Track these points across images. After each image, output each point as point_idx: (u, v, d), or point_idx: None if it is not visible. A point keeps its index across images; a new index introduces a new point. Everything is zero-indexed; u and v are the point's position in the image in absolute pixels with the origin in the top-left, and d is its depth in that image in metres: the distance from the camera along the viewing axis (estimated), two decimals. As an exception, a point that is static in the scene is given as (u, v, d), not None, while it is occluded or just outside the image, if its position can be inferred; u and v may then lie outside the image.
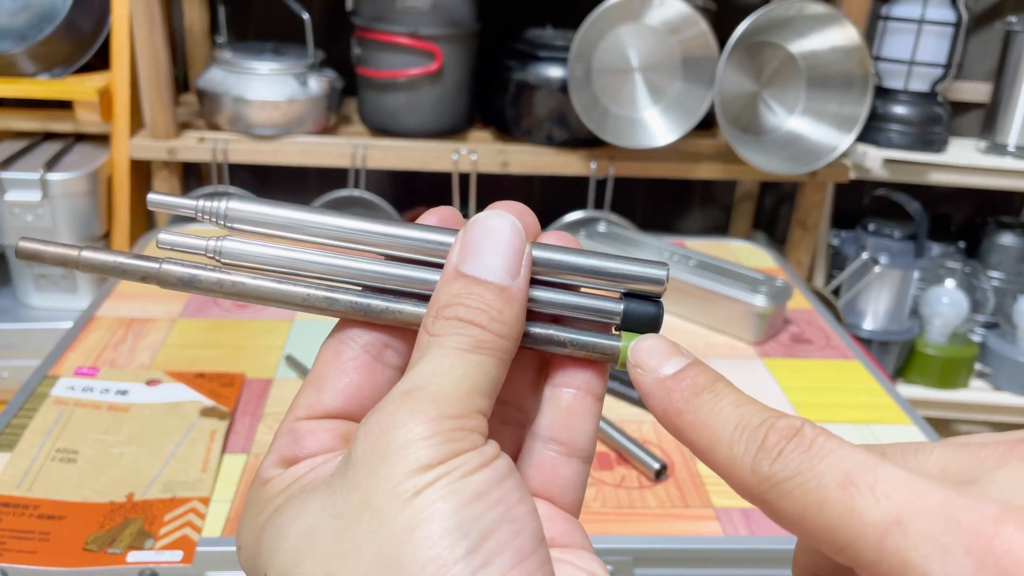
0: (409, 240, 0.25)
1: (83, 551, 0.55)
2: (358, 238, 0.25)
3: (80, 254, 0.24)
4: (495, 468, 0.21)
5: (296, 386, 0.74)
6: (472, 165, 1.35)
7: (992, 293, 1.67)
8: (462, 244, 0.24)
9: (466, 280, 0.23)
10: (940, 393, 1.62)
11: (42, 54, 1.33)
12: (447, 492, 0.20)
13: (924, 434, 0.73)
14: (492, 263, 0.23)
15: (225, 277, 0.24)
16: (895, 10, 1.48)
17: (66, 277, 1.38)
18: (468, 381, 0.22)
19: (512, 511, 0.20)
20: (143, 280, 0.24)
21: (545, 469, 0.25)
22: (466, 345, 0.22)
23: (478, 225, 0.24)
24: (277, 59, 1.33)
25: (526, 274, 0.24)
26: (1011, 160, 1.53)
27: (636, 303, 0.25)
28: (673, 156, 1.40)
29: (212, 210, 0.25)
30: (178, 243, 0.25)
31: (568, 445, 0.25)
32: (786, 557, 0.61)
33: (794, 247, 1.52)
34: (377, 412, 0.21)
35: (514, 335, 0.23)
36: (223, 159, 1.32)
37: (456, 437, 0.21)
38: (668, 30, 1.27)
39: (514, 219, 0.24)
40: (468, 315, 0.22)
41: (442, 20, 1.29)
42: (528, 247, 0.24)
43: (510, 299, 0.23)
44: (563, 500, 0.25)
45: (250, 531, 0.23)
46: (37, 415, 0.68)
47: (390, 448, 0.20)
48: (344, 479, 0.21)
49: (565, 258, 0.25)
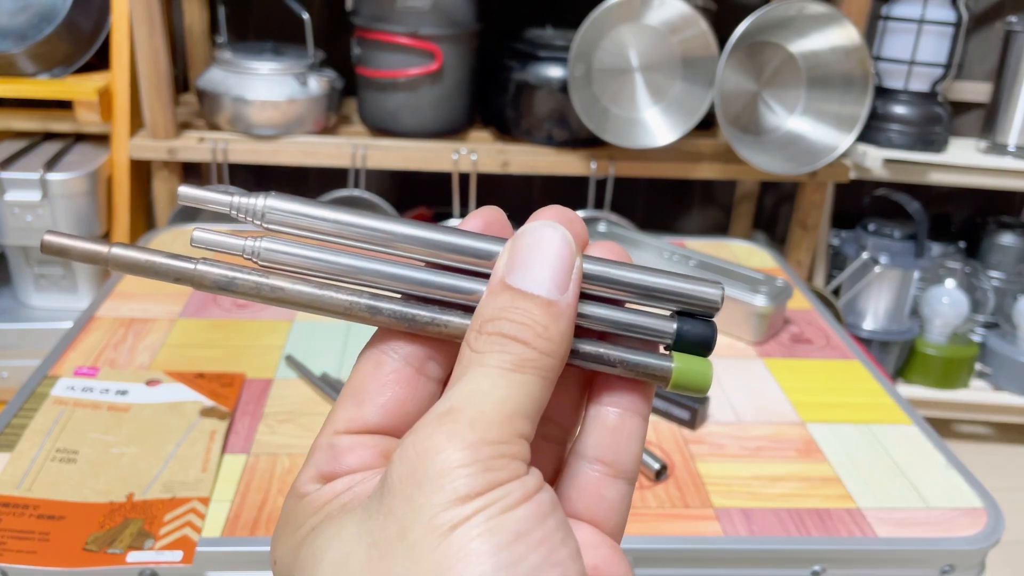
0: (456, 247, 0.23)
1: (83, 551, 0.55)
2: (402, 244, 0.23)
3: (110, 251, 0.22)
4: (538, 503, 0.20)
5: (296, 386, 0.74)
6: (472, 165, 1.35)
7: (992, 293, 1.67)
8: (510, 255, 0.22)
9: (512, 293, 0.22)
10: (940, 393, 1.62)
11: (42, 54, 1.33)
12: (486, 530, 0.19)
13: (924, 434, 0.73)
14: (540, 276, 0.22)
15: (264, 281, 0.23)
16: (895, 10, 1.48)
17: (66, 277, 1.38)
18: (510, 403, 0.21)
19: (554, 554, 0.19)
20: (176, 281, 0.23)
21: (590, 491, 0.24)
22: (509, 364, 0.21)
23: (528, 236, 0.23)
24: (277, 59, 1.33)
25: (575, 289, 0.22)
26: (1011, 160, 1.53)
27: (689, 323, 0.24)
28: (673, 156, 1.40)
29: (249, 208, 0.23)
30: (214, 242, 0.23)
31: (614, 466, 0.24)
32: (786, 557, 0.61)
33: (794, 247, 1.52)
34: (413, 434, 0.20)
35: (561, 353, 0.22)
36: (223, 159, 1.32)
37: (496, 465, 0.20)
38: (668, 30, 1.27)
39: (565, 231, 0.23)
40: (512, 331, 0.21)
41: (442, 20, 1.29)
42: (579, 260, 0.23)
43: (558, 315, 0.22)
44: (607, 524, 0.24)
45: (286, 547, 0.22)
46: (37, 415, 0.68)
47: (427, 476, 0.19)
48: (380, 505, 0.20)
49: (617, 273, 0.24)
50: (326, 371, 0.76)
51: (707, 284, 0.24)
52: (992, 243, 1.69)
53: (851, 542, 0.61)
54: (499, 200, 0.26)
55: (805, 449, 0.70)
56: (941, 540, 0.61)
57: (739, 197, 1.70)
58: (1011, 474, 1.62)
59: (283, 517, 0.23)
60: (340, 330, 0.83)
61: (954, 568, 0.61)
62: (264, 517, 0.59)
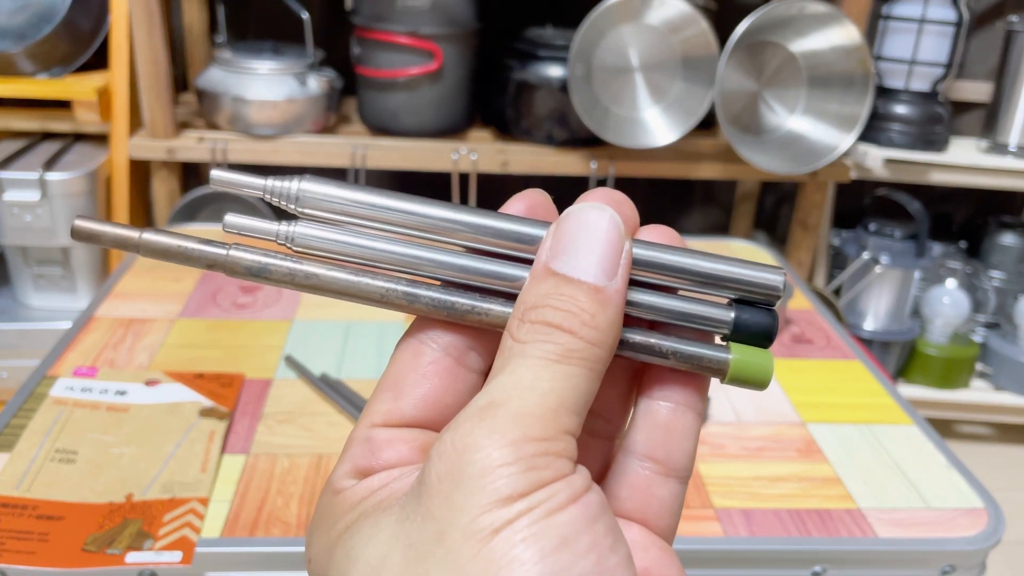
0: (497, 231, 0.22)
1: (82, 552, 0.55)
2: (441, 227, 0.22)
3: (141, 236, 0.22)
4: (585, 505, 0.19)
5: (295, 387, 0.74)
6: (472, 165, 1.35)
7: (993, 293, 1.67)
8: (554, 239, 0.21)
9: (557, 279, 0.21)
10: (941, 393, 1.62)
11: (41, 54, 1.32)
12: (530, 535, 0.18)
13: (925, 434, 0.73)
14: (587, 261, 0.21)
15: (298, 267, 0.22)
16: (896, 9, 1.48)
17: (65, 277, 1.38)
18: (555, 397, 0.19)
19: (604, 561, 0.18)
20: (209, 267, 0.22)
21: (640, 489, 0.23)
22: (553, 354, 0.20)
23: (573, 218, 0.21)
24: (276, 58, 1.33)
25: (624, 275, 0.21)
26: (1012, 160, 1.53)
27: (748, 312, 0.23)
28: (673, 156, 1.40)
29: (283, 191, 0.22)
30: (246, 227, 0.22)
31: (665, 464, 0.23)
32: (786, 557, 0.60)
33: (795, 247, 1.52)
34: (452, 430, 0.19)
35: (609, 343, 0.21)
36: (222, 159, 1.32)
37: (541, 464, 0.18)
38: (668, 29, 1.27)
39: (613, 212, 0.21)
40: (557, 319, 0.20)
41: (442, 20, 1.29)
42: (628, 244, 0.21)
43: (606, 302, 0.20)
44: (658, 524, 0.23)
45: (322, 545, 0.21)
46: (36, 415, 0.68)
47: (466, 475, 0.18)
48: (418, 504, 0.19)
49: (670, 258, 0.22)
50: (325, 371, 0.75)
51: (768, 269, 0.23)
52: (993, 243, 1.69)
53: (852, 542, 0.60)
54: (499, 200, 0.25)
55: (806, 449, 0.70)
56: (942, 540, 0.61)
57: (740, 197, 1.70)
58: (1012, 474, 1.62)
59: (318, 513, 0.22)
60: (340, 330, 0.83)
61: (955, 568, 0.61)
62: (263, 518, 0.59)
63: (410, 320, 0.24)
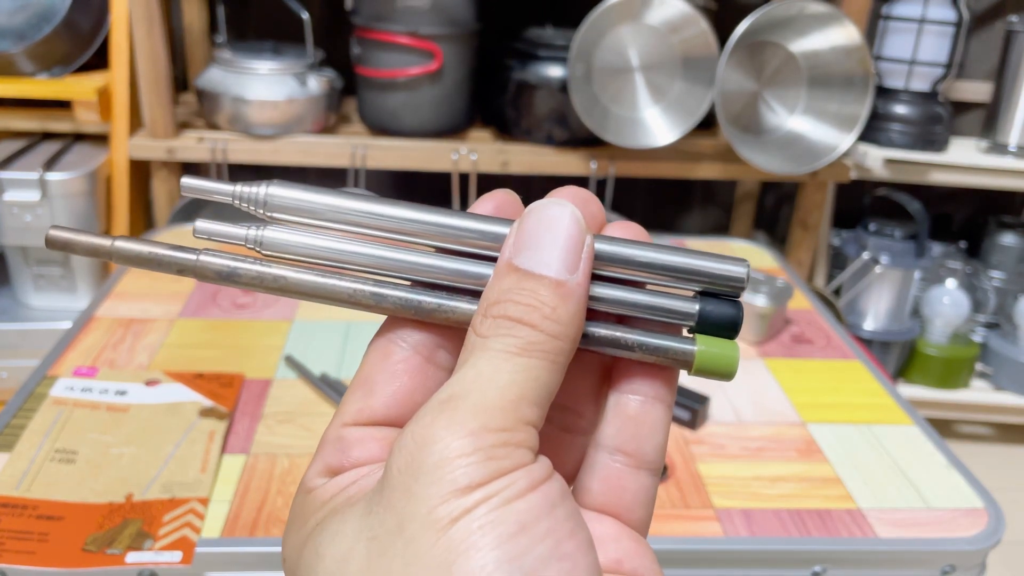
0: (463, 231, 0.23)
1: (82, 552, 0.55)
2: (407, 228, 0.23)
3: (113, 244, 0.22)
4: (544, 492, 0.19)
5: (295, 387, 0.74)
6: (472, 165, 1.35)
7: (993, 293, 1.67)
8: (516, 235, 0.21)
9: (519, 275, 0.21)
10: (941, 393, 1.62)
11: (41, 54, 1.32)
12: (487, 522, 0.18)
13: (925, 434, 0.73)
14: (548, 256, 0.21)
15: (266, 271, 0.23)
16: (896, 9, 1.48)
17: (65, 277, 1.38)
18: (515, 388, 0.20)
19: (562, 545, 0.18)
20: (179, 273, 0.22)
21: (611, 482, 0.23)
22: (514, 347, 0.20)
23: (534, 215, 0.22)
24: (276, 59, 1.33)
25: (586, 269, 0.21)
26: (1012, 160, 1.53)
27: (713, 303, 0.23)
28: (673, 156, 1.40)
29: (251, 196, 0.23)
30: (216, 232, 0.23)
31: (636, 457, 0.23)
32: (786, 557, 0.60)
33: (795, 247, 1.52)
34: (413, 423, 0.20)
35: (570, 336, 0.21)
36: (222, 159, 1.32)
37: (500, 454, 0.19)
38: (668, 30, 1.27)
39: (574, 209, 0.22)
40: (518, 313, 0.20)
41: (442, 20, 1.29)
42: (590, 239, 0.22)
43: (567, 296, 0.21)
44: (631, 516, 0.23)
45: (293, 544, 0.22)
46: (36, 415, 0.68)
47: (425, 466, 0.19)
48: (380, 498, 0.19)
49: (633, 252, 0.23)
50: (325, 371, 0.75)
51: (730, 261, 0.23)
52: (993, 243, 1.69)
53: (852, 543, 0.60)
54: None
55: (806, 449, 0.70)
56: (942, 540, 0.61)
57: (740, 197, 1.70)
58: (1012, 474, 1.62)
59: (291, 513, 0.23)
60: (339, 330, 0.83)
61: (955, 568, 0.61)
62: (263, 517, 0.59)
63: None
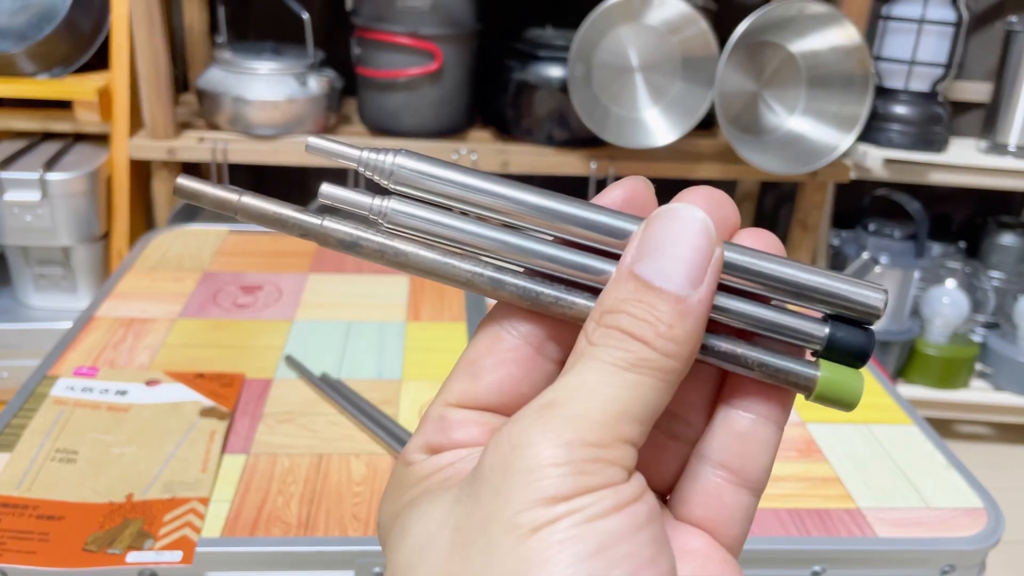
0: (588, 223, 0.22)
1: (82, 551, 0.55)
2: (530, 214, 0.22)
3: (240, 200, 0.22)
4: (631, 514, 0.18)
5: (296, 387, 0.74)
6: (472, 165, 1.35)
7: (992, 293, 1.67)
8: (641, 239, 0.20)
9: (638, 284, 0.20)
10: (941, 393, 1.62)
11: (41, 54, 1.33)
12: (567, 537, 0.17)
13: (924, 434, 0.73)
14: (672, 268, 0.20)
15: (389, 244, 0.22)
16: (895, 10, 1.48)
17: (65, 277, 1.38)
18: (617, 404, 0.19)
19: (641, 572, 0.18)
20: (302, 236, 0.22)
21: (710, 496, 0.22)
22: (623, 361, 0.19)
23: (662, 219, 0.20)
24: (277, 59, 1.33)
25: (711, 284, 0.20)
26: (1011, 160, 1.53)
27: (844, 329, 0.22)
28: (673, 156, 1.40)
29: (378, 164, 0.22)
30: (341, 198, 0.22)
31: (739, 474, 0.22)
32: (786, 557, 0.60)
33: (794, 247, 1.52)
34: (512, 423, 0.19)
35: (685, 355, 0.20)
36: (223, 159, 1.32)
37: (590, 469, 0.18)
38: (668, 30, 1.27)
39: (706, 216, 0.20)
40: (631, 326, 0.19)
41: (442, 20, 1.29)
42: (719, 251, 0.20)
43: (686, 313, 0.20)
44: (725, 534, 0.22)
45: (388, 512, 0.22)
46: (36, 415, 0.68)
47: (516, 469, 0.18)
48: (471, 490, 0.19)
49: (765, 265, 0.21)
50: (326, 371, 0.76)
51: (869, 287, 0.22)
52: (992, 243, 1.69)
53: (851, 542, 0.60)
54: None
55: (805, 449, 0.70)
56: (941, 540, 0.61)
57: (739, 197, 1.70)
58: (1011, 474, 1.62)
59: (391, 481, 0.23)
60: (340, 330, 0.83)
61: (954, 568, 0.61)
62: (264, 517, 0.59)
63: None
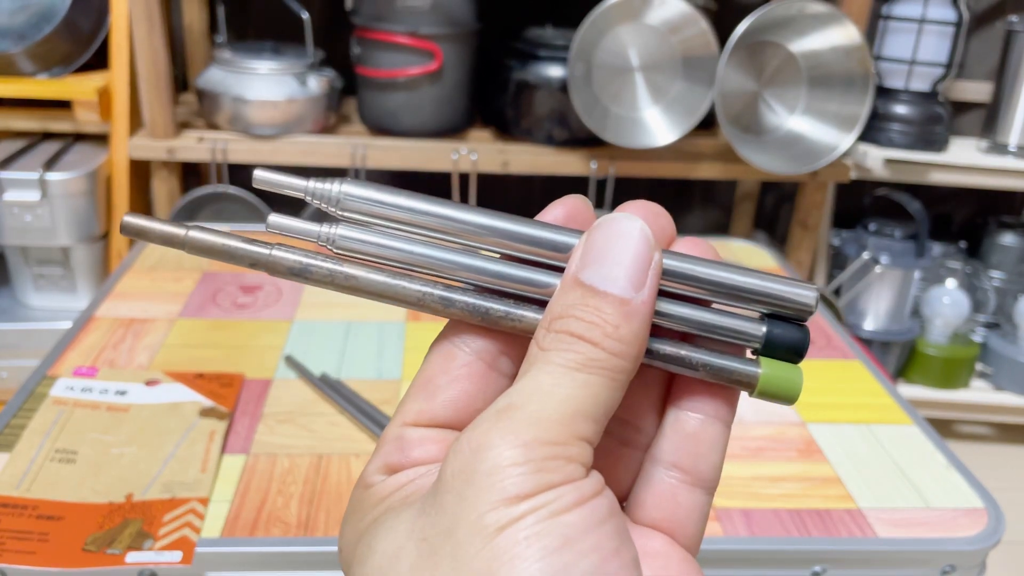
0: (532, 239, 0.23)
1: (82, 552, 0.55)
2: (477, 233, 0.23)
3: (187, 234, 0.22)
4: (592, 508, 0.19)
5: (295, 387, 0.74)
6: (472, 165, 1.35)
7: (993, 293, 1.67)
8: (584, 249, 0.21)
9: (584, 290, 0.21)
10: (941, 393, 1.62)
11: (41, 54, 1.32)
12: (533, 533, 0.18)
13: (925, 434, 0.73)
14: (614, 273, 0.21)
15: (338, 269, 0.23)
16: (896, 9, 1.48)
17: (65, 277, 1.38)
18: (572, 403, 0.20)
19: (606, 564, 0.19)
20: (252, 266, 0.23)
21: (665, 497, 0.23)
22: (574, 363, 0.20)
23: (602, 228, 0.21)
24: (276, 58, 1.33)
25: (652, 287, 0.21)
26: (1012, 160, 1.53)
27: (780, 326, 0.23)
28: (673, 156, 1.40)
29: (324, 193, 0.23)
30: (289, 227, 0.23)
31: (692, 474, 0.23)
32: (786, 557, 0.60)
33: (795, 247, 1.52)
34: (470, 430, 0.20)
35: (632, 354, 0.21)
36: (222, 159, 1.32)
37: (550, 467, 0.19)
38: (668, 29, 1.27)
39: (643, 224, 0.21)
40: (580, 329, 0.20)
41: (442, 20, 1.29)
42: (658, 256, 0.21)
43: (631, 314, 0.21)
44: (683, 534, 0.23)
45: (350, 536, 0.22)
46: (36, 415, 0.68)
47: (477, 472, 0.19)
48: (434, 500, 0.20)
49: (702, 270, 0.23)
50: (325, 372, 0.75)
51: (800, 285, 0.23)
52: (993, 243, 1.69)
53: (852, 543, 0.60)
54: (499, 200, 0.24)
55: (806, 449, 0.70)
56: (942, 540, 0.61)
57: (739, 197, 1.70)
58: (1012, 474, 1.62)
59: (350, 506, 0.23)
60: (340, 330, 0.83)
61: (955, 568, 0.61)
62: (263, 517, 0.59)
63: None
